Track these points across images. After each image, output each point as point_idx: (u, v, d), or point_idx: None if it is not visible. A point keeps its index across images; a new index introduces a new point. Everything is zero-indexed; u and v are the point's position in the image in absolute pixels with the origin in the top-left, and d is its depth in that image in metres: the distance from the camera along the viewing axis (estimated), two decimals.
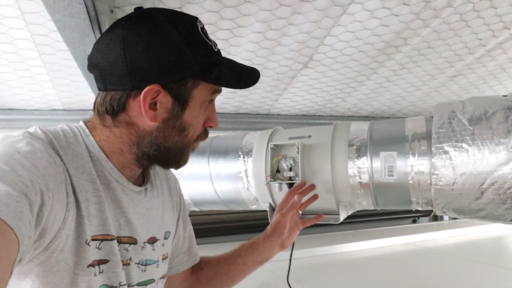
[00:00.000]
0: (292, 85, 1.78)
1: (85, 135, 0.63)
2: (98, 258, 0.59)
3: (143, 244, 0.69)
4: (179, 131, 0.65)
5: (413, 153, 1.05)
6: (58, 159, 0.56)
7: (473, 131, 0.96)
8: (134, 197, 0.68)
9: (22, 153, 0.51)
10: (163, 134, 0.64)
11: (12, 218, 0.43)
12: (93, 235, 0.59)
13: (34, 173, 0.49)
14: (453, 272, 2.89)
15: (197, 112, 0.66)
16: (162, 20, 0.61)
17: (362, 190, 1.14)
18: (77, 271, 0.56)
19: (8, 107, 1.81)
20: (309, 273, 2.94)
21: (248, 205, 1.39)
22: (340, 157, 1.15)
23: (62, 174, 0.55)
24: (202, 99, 0.65)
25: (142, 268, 0.69)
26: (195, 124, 0.67)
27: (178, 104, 0.63)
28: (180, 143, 0.66)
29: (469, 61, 1.67)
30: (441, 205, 1.05)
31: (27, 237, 0.45)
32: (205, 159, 1.39)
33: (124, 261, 0.65)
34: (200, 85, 0.64)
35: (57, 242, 0.53)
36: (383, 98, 2.07)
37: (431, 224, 4.92)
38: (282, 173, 1.20)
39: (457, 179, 0.99)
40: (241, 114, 2.07)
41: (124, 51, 0.59)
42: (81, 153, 0.61)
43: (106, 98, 0.62)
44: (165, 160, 0.68)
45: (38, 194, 0.48)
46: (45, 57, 1.35)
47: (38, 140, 0.56)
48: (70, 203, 0.56)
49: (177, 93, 0.62)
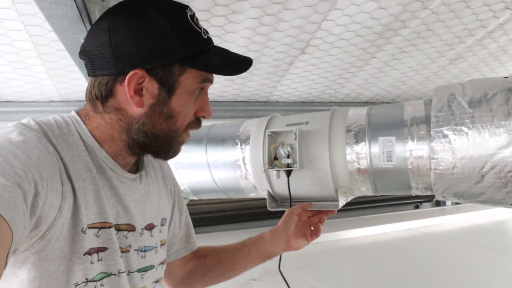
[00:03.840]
0: (290, 72, 1.76)
1: (78, 125, 0.63)
2: (96, 246, 0.59)
3: (141, 231, 0.70)
4: (166, 117, 0.64)
5: (412, 138, 1.04)
6: (52, 148, 0.56)
7: (473, 114, 0.94)
8: (129, 184, 0.68)
9: (14, 143, 0.51)
10: (150, 120, 0.64)
11: (5, 208, 0.43)
12: (90, 223, 0.59)
13: (27, 163, 0.49)
14: (456, 257, 2.90)
15: (185, 100, 0.65)
16: (149, 6, 0.62)
17: (360, 176, 1.13)
18: (73, 258, 0.56)
19: (5, 99, 1.81)
20: (310, 260, 2.96)
21: (246, 193, 1.38)
22: (338, 143, 1.14)
23: (56, 164, 0.55)
24: (190, 87, 0.65)
25: (142, 255, 0.69)
26: (184, 112, 0.66)
27: (164, 90, 0.63)
28: (168, 130, 0.66)
29: (470, 43, 1.64)
30: (441, 190, 1.04)
31: (22, 227, 0.45)
32: (203, 148, 1.38)
33: (124, 248, 0.65)
34: (187, 72, 0.64)
35: (53, 231, 0.53)
36: (383, 83, 2.05)
37: (433, 210, 4.93)
38: (280, 160, 1.19)
39: (457, 163, 0.97)
40: (239, 102, 2.06)
41: (109, 36, 0.60)
42: (75, 142, 0.61)
43: (95, 83, 0.63)
44: (154, 148, 0.67)
45: (31, 184, 0.48)
46: (39, 48, 1.34)
47: (30, 130, 0.55)
48: (66, 192, 0.56)
49: (163, 78, 0.62)
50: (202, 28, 0.66)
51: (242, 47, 1.47)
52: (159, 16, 0.61)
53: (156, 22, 0.60)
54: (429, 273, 2.50)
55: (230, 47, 1.47)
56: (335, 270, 2.68)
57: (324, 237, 3.59)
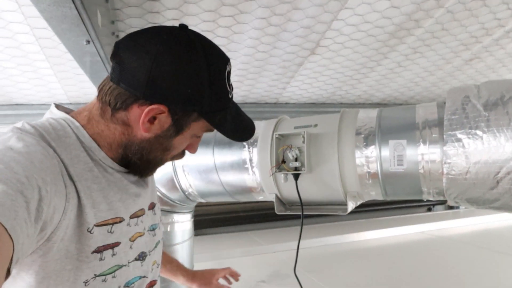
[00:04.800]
0: (299, 73, 1.74)
1: (75, 127, 0.63)
2: (111, 242, 0.61)
3: (147, 212, 0.74)
4: (164, 149, 0.69)
5: (424, 141, 1.01)
6: (52, 150, 0.56)
7: (488, 117, 0.90)
8: (126, 177, 0.70)
9: (15, 149, 0.51)
10: (150, 147, 0.67)
11: (7, 217, 0.43)
12: (101, 221, 0.60)
13: (29, 169, 0.49)
14: (469, 262, 2.83)
15: (186, 140, 0.69)
16: (199, 50, 0.62)
17: (370, 180, 1.10)
18: (80, 258, 0.57)
19: (15, 102, 1.82)
20: (320, 263, 2.93)
21: (254, 196, 1.37)
22: (347, 146, 1.11)
23: (58, 166, 0.55)
24: (196, 132, 0.68)
25: (152, 233, 0.75)
26: (179, 148, 0.70)
27: (174, 128, 0.65)
28: (159, 159, 0.70)
29: (487, 43, 1.59)
30: (454, 195, 1.01)
31: (25, 235, 0.45)
32: (210, 150, 1.36)
33: (142, 232, 0.70)
34: (201, 121, 0.66)
35: (58, 232, 0.54)
36: (395, 84, 2.01)
37: (446, 213, 4.83)
38: (287, 163, 1.17)
39: (470, 168, 0.94)
40: (249, 103, 2.04)
41: (152, 63, 0.60)
42: (73, 144, 0.61)
43: (114, 91, 0.62)
44: (139, 169, 0.71)
45: (35, 190, 0.48)
46: (46, 51, 1.34)
47: (28, 134, 0.56)
48: (70, 194, 0.56)
49: (178, 120, 0.64)
50: (231, 85, 0.69)
51: (250, 47, 1.45)
52: (204, 64, 0.62)
53: (199, 70, 0.62)
54: (441, 277, 2.45)
55: (237, 48, 1.46)
56: (345, 273, 2.65)
57: (334, 240, 3.56)
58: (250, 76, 1.74)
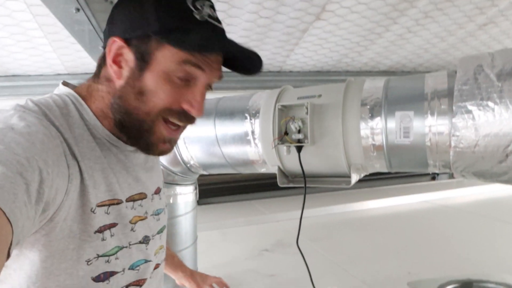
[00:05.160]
0: (304, 40, 1.67)
1: (79, 104, 0.62)
2: (108, 222, 0.60)
3: (152, 196, 0.72)
4: (137, 93, 0.60)
5: (432, 113, 0.97)
6: (55, 130, 0.55)
7: (502, 88, 0.86)
8: (133, 156, 0.69)
9: (16, 129, 0.50)
10: (124, 94, 0.61)
11: (5, 200, 0.42)
12: (99, 202, 0.59)
13: (30, 150, 0.48)
14: (472, 230, 2.85)
15: (161, 79, 0.59)
16: None
17: (375, 153, 1.07)
18: (83, 237, 0.57)
19: (12, 73, 1.78)
20: (324, 232, 2.96)
21: (256, 168, 1.35)
22: (352, 117, 1.07)
23: (60, 146, 0.54)
24: (167, 66, 0.59)
25: (157, 218, 0.73)
26: (159, 93, 0.60)
27: (139, 62, 0.60)
28: (139, 110, 0.61)
29: (503, 6, 1.50)
30: (460, 168, 0.98)
31: (25, 218, 0.45)
32: (211, 121, 1.33)
33: (143, 216, 0.68)
34: (165, 48, 0.59)
35: (60, 213, 0.53)
36: (404, 51, 1.93)
37: (450, 182, 4.84)
38: (290, 135, 1.14)
39: (479, 141, 0.91)
40: None
41: (113, 8, 0.63)
42: (76, 122, 0.60)
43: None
44: (129, 131, 0.63)
45: (35, 172, 0.47)
46: (39, 19, 1.29)
47: (31, 113, 0.54)
48: (73, 174, 0.55)
49: (139, 51, 0.60)
50: (203, 9, 0.60)
51: (252, 13, 1.39)
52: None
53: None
54: (444, 246, 2.47)
55: (238, 14, 1.39)
56: (348, 242, 2.69)
57: (337, 209, 3.59)
58: (252, 44, 1.68)
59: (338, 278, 1.95)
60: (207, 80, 0.62)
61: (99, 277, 0.59)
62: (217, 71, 0.63)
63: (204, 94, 0.63)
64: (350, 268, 2.11)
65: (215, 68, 0.62)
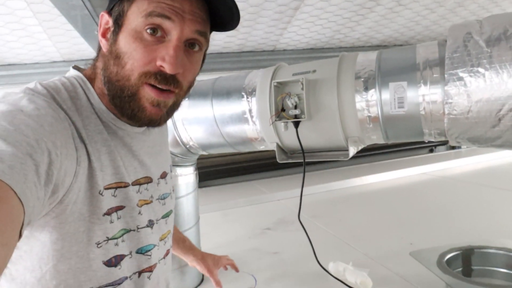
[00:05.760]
0: (296, 17, 1.67)
1: (86, 88, 0.62)
2: (114, 205, 0.60)
3: (157, 181, 0.72)
4: (115, 58, 0.58)
5: (425, 82, 0.99)
6: (63, 113, 0.55)
7: (491, 53, 0.87)
8: (140, 138, 0.68)
9: (26, 112, 0.50)
10: (106, 63, 0.60)
11: (16, 181, 0.42)
12: (106, 184, 0.60)
13: (39, 132, 0.49)
14: (471, 200, 2.90)
15: (133, 38, 0.57)
16: None
17: (371, 124, 1.10)
18: (92, 220, 0.57)
19: (8, 62, 1.78)
20: (325, 208, 3.01)
21: (255, 146, 1.37)
22: (347, 91, 1.09)
23: (69, 129, 0.55)
24: (135, 22, 0.57)
25: (162, 202, 0.73)
26: (132, 54, 0.57)
27: (115, 27, 0.59)
28: (119, 75, 0.58)
29: None
30: (455, 135, 1.00)
31: (35, 198, 0.45)
32: (208, 102, 1.35)
33: (147, 200, 0.68)
34: (134, 5, 0.58)
35: (70, 195, 0.54)
36: (395, 25, 1.93)
37: (448, 153, 4.89)
38: (287, 111, 1.16)
39: (472, 106, 0.93)
40: (246, 52, 1.99)
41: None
42: (84, 106, 0.60)
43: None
44: (117, 101, 0.60)
45: (45, 153, 0.48)
46: (33, 7, 1.29)
47: (39, 96, 0.54)
48: (81, 157, 0.56)
49: (115, 16, 0.60)
50: None
51: None
52: None
53: None
54: (444, 216, 2.51)
55: None
56: (349, 217, 2.73)
57: (337, 185, 3.63)
58: (245, 24, 1.68)
59: (341, 252, 1.99)
60: (180, 33, 0.57)
61: (110, 262, 0.60)
62: (193, 22, 0.58)
63: (179, 48, 0.58)
64: (352, 242, 2.14)
65: (189, 19, 0.58)
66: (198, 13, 0.59)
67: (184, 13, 0.57)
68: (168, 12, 0.56)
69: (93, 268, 0.58)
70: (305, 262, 1.82)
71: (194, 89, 1.41)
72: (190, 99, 1.40)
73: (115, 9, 0.60)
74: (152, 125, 0.63)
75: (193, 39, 0.60)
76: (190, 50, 0.60)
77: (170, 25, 0.57)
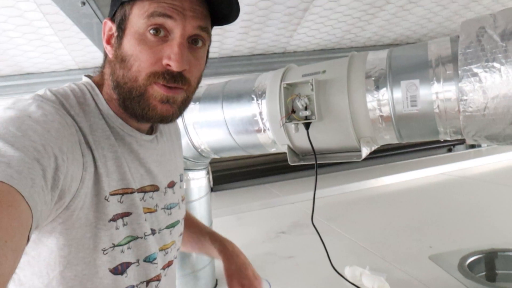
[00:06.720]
0: (305, 19, 1.66)
1: (94, 93, 0.63)
2: (120, 211, 0.61)
3: (164, 190, 0.72)
4: (120, 61, 0.60)
5: (438, 79, 0.96)
6: (70, 119, 0.56)
7: (506, 48, 0.85)
8: (148, 146, 0.69)
9: (33, 118, 0.51)
10: (113, 68, 0.62)
11: (24, 185, 0.43)
12: (112, 190, 0.60)
13: (46, 138, 0.49)
14: (491, 200, 2.81)
15: (136, 41, 0.58)
16: None
17: (383, 124, 1.08)
18: (99, 225, 0.58)
19: (26, 71, 1.82)
20: (340, 211, 2.96)
21: (266, 148, 1.36)
22: (358, 90, 1.07)
23: (76, 135, 0.56)
24: (139, 24, 0.58)
25: (168, 212, 0.72)
26: (137, 56, 0.58)
27: (118, 32, 0.61)
28: (126, 78, 0.59)
29: None
30: (472, 133, 0.98)
31: (43, 203, 0.46)
32: (219, 105, 1.35)
33: (152, 208, 0.68)
34: (135, 8, 0.59)
35: (76, 201, 0.54)
36: (406, 23, 1.90)
37: (467, 152, 4.76)
38: (297, 113, 1.15)
39: (488, 103, 0.90)
40: (256, 55, 1.98)
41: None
42: (92, 111, 0.61)
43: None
44: (127, 104, 0.62)
45: (51, 158, 0.48)
46: (49, 17, 1.32)
47: (48, 102, 0.56)
48: (87, 163, 0.56)
49: (119, 22, 0.61)
50: None
51: None
52: None
53: None
54: (464, 217, 2.44)
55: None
56: (365, 219, 2.68)
57: (352, 187, 3.57)
58: (255, 27, 1.68)
59: (357, 256, 1.94)
60: (183, 31, 0.58)
61: (117, 269, 0.60)
62: (194, 19, 0.59)
63: (183, 45, 0.59)
64: (368, 245, 2.09)
65: (190, 16, 0.59)
66: (198, 9, 0.60)
67: (185, 10, 0.58)
68: (169, 11, 0.57)
69: (99, 276, 0.58)
70: (321, 266, 1.79)
71: (204, 93, 1.41)
72: (200, 103, 1.40)
73: (117, 14, 0.61)
74: (165, 122, 0.64)
75: (196, 35, 0.61)
76: (194, 47, 0.62)
77: (172, 24, 0.58)
